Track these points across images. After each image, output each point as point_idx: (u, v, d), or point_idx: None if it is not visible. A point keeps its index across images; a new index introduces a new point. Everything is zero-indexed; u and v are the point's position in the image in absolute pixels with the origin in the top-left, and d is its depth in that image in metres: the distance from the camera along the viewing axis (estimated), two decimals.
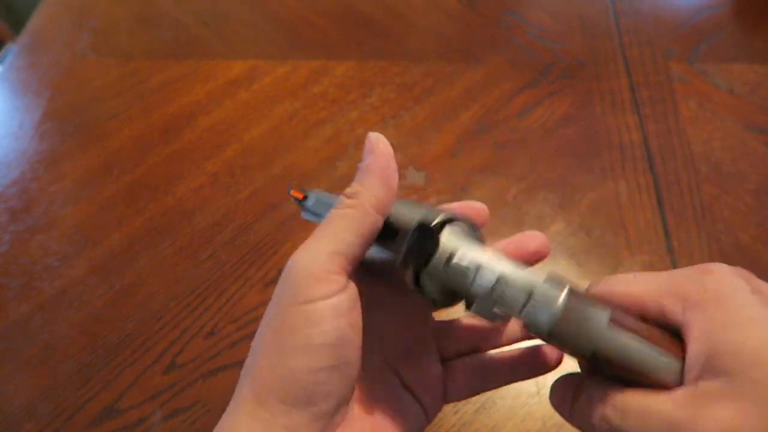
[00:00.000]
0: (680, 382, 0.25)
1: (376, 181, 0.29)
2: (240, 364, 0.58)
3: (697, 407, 0.23)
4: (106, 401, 0.55)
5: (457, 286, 0.28)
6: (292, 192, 0.37)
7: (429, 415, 0.34)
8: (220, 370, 0.56)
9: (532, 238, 0.35)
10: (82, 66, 0.83)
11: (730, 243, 0.60)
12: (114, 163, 0.72)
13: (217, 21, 0.87)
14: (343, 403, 0.28)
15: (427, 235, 0.28)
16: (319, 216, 0.36)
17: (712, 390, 0.23)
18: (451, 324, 0.35)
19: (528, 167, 0.68)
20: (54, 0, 0.94)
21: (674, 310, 0.26)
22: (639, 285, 0.27)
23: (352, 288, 0.28)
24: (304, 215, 0.38)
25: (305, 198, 0.37)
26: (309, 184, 0.68)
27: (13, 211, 0.69)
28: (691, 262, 0.59)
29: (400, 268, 0.28)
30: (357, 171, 0.30)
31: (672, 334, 0.26)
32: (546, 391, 0.35)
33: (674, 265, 0.59)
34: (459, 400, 0.35)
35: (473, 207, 0.35)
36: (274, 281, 0.61)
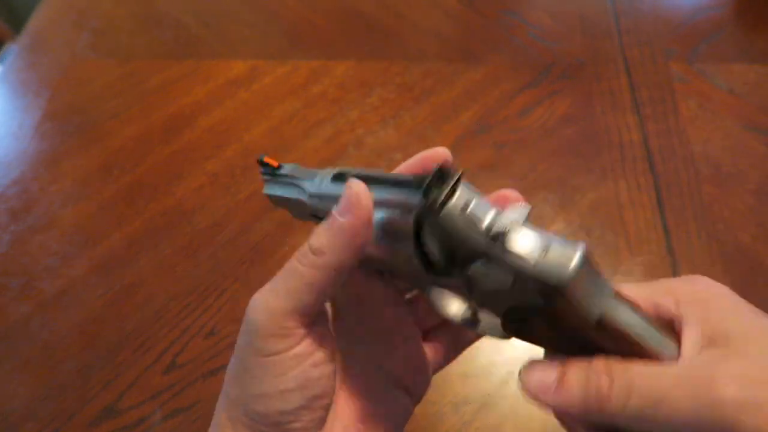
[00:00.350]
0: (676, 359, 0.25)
1: (344, 245, 0.27)
2: None
3: (710, 368, 0.24)
4: (106, 401, 0.55)
5: (465, 240, 0.26)
6: (265, 159, 0.36)
7: (417, 396, 0.34)
8: (220, 370, 0.56)
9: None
10: (82, 66, 0.83)
11: (730, 243, 0.60)
12: (114, 163, 0.72)
13: (217, 21, 0.87)
14: (318, 426, 0.29)
15: (446, 177, 0.27)
16: (291, 186, 0.35)
17: (718, 355, 0.24)
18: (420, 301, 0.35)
19: (528, 167, 0.68)
20: (54, 0, 0.94)
21: (668, 306, 0.27)
22: (632, 289, 0.28)
23: (314, 332, 0.29)
24: (269, 191, 0.37)
25: (280, 167, 0.36)
26: None
27: (13, 211, 0.69)
28: (691, 262, 0.59)
29: (422, 203, 0.27)
30: (329, 219, 0.28)
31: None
32: None
33: (674, 265, 0.59)
34: (440, 369, 0.35)
35: (436, 153, 0.35)
36: None
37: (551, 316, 0.25)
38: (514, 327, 0.27)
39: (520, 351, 0.54)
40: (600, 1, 0.85)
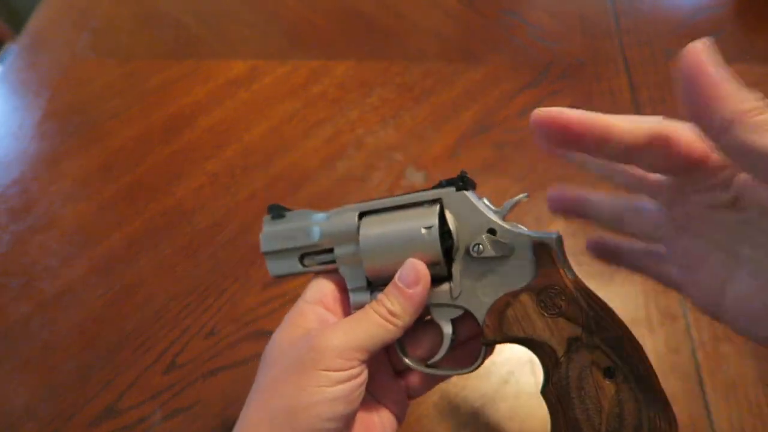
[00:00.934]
0: None
1: (416, 311, 0.36)
2: (240, 364, 0.58)
3: None
4: (106, 401, 0.55)
5: (480, 213, 0.38)
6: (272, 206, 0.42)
7: (400, 418, 0.41)
8: (220, 370, 0.56)
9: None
10: (82, 66, 0.84)
11: None
12: (114, 163, 0.72)
13: (217, 21, 0.87)
14: None
15: (465, 186, 0.39)
16: (285, 238, 0.41)
17: None
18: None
19: (528, 167, 0.68)
20: (54, 0, 0.94)
21: None
22: None
23: (365, 373, 0.36)
24: (265, 247, 0.41)
25: (282, 216, 0.42)
26: (309, 184, 0.68)
27: (13, 211, 0.69)
28: None
29: (457, 182, 0.39)
30: (400, 289, 0.36)
31: None
32: None
33: None
34: (421, 395, 0.42)
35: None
36: (273, 282, 0.61)
37: (537, 286, 0.35)
38: (498, 317, 0.36)
39: (520, 352, 0.54)
40: (600, 1, 0.85)
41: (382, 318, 0.36)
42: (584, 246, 0.60)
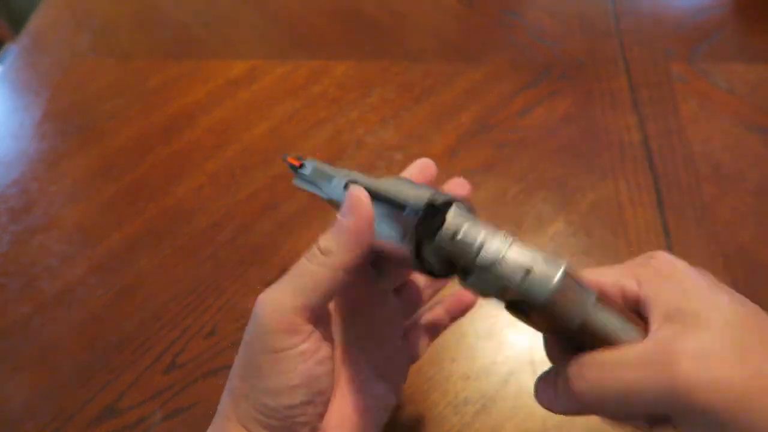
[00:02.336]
0: None
1: (351, 244, 0.30)
2: None
3: (666, 344, 0.25)
4: (106, 401, 0.55)
5: (458, 261, 0.30)
6: (288, 159, 0.39)
7: (397, 388, 0.37)
8: (220, 370, 0.56)
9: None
10: (82, 66, 0.84)
11: (730, 243, 0.60)
12: (114, 163, 0.72)
13: (217, 21, 0.87)
14: (319, 419, 0.31)
15: (435, 213, 0.30)
16: (313, 185, 0.38)
17: (674, 330, 0.25)
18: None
19: (528, 167, 0.68)
20: (54, 0, 0.94)
21: (632, 288, 0.29)
22: (600, 272, 0.31)
23: (319, 330, 0.30)
24: (297, 182, 0.39)
25: (302, 166, 0.39)
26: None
27: (13, 211, 0.69)
28: (691, 262, 0.59)
29: (407, 244, 0.30)
30: (335, 223, 0.31)
31: (634, 312, 0.29)
32: None
33: None
34: (414, 363, 0.39)
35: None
36: (273, 281, 0.61)
37: (542, 315, 0.29)
38: (513, 312, 0.30)
39: (520, 351, 0.55)
40: (600, 1, 0.85)
41: (312, 261, 0.30)
42: (584, 245, 0.60)
